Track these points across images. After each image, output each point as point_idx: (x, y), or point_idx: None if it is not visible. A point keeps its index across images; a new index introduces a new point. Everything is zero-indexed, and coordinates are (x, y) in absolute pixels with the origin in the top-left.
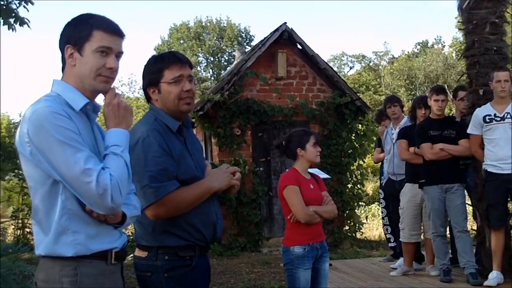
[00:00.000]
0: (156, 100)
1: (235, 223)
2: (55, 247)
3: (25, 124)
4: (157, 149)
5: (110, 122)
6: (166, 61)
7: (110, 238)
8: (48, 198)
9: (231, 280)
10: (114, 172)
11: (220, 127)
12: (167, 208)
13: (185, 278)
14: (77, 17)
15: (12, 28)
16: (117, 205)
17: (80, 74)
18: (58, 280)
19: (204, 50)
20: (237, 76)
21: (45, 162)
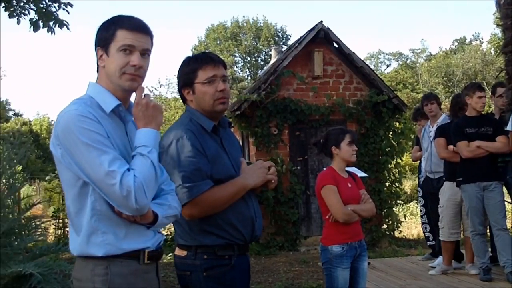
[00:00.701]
0: (191, 101)
1: (272, 222)
2: (86, 247)
3: (56, 127)
4: (190, 149)
5: (139, 122)
6: (199, 61)
7: (142, 238)
8: (78, 199)
9: (269, 279)
10: (138, 173)
11: (257, 127)
12: (201, 207)
13: (224, 277)
14: (105, 20)
15: (52, 31)
16: (142, 206)
17: (108, 74)
18: (90, 279)
19: (240, 50)
20: (274, 76)
21: (74, 164)
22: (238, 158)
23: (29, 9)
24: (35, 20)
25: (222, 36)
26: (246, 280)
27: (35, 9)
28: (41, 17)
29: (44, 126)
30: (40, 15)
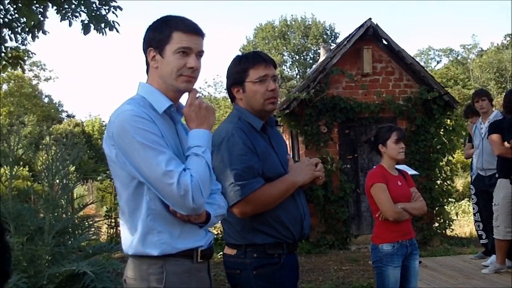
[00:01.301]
0: (241, 99)
1: (322, 221)
2: (142, 246)
3: (110, 127)
4: (242, 147)
5: (192, 123)
6: (251, 60)
7: (195, 237)
8: (133, 199)
9: (319, 277)
10: (195, 173)
11: (307, 125)
12: (253, 205)
13: (273, 275)
14: (157, 20)
15: (102, 33)
16: (199, 206)
17: (163, 75)
18: (145, 278)
19: (289, 49)
20: (323, 74)
21: (129, 164)
22: (285, 156)
23: (80, 12)
24: (86, 22)
25: (270, 35)
26: (294, 279)
27: (86, 11)
28: (91, 19)
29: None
30: (91, 17)
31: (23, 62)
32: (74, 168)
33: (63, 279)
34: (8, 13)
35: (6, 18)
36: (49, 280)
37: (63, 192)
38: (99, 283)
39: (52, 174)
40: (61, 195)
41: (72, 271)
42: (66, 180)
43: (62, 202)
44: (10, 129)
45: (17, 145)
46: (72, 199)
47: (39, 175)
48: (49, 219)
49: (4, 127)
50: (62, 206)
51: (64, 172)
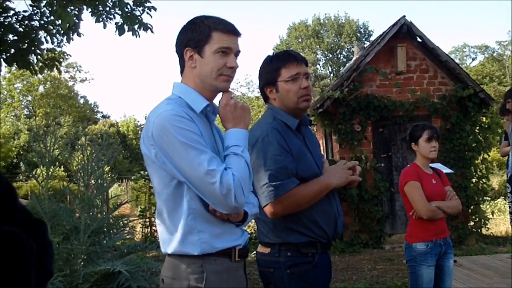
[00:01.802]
0: (274, 99)
1: (356, 220)
2: (182, 246)
3: (149, 127)
4: (276, 147)
5: (228, 123)
6: (282, 60)
7: (233, 236)
8: (173, 199)
9: (353, 276)
10: (236, 172)
11: (341, 124)
12: (286, 205)
13: (306, 274)
14: (193, 20)
15: (136, 34)
16: (241, 204)
17: (201, 75)
18: (185, 277)
19: (322, 48)
20: (357, 72)
21: (169, 164)
22: (320, 156)
23: (114, 13)
24: (120, 24)
25: (303, 34)
26: (327, 278)
27: (120, 13)
28: (126, 21)
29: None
30: (125, 19)
31: (59, 63)
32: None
33: (98, 278)
34: (44, 15)
35: (42, 21)
36: (84, 279)
37: (98, 192)
38: (133, 282)
39: (87, 174)
40: (96, 195)
41: (107, 270)
42: (101, 180)
43: (97, 201)
44: (46, 130)
45: (53, 146)
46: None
47: (75, 175)
48: (85, 218)
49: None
50: (97, 206)
51: (99, 172)
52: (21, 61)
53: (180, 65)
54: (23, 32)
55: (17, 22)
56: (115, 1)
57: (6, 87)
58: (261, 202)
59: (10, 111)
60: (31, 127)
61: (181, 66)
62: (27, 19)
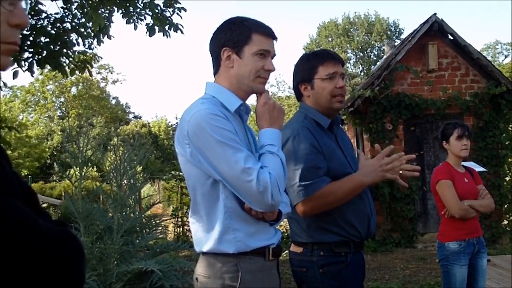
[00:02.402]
0: (308, 96)
1: (388, 219)
2: (218, 244)
3: (185, 126)
4: (307, 146)
5: (263, 122)
6: (320, 57)
7: (267, 235)
8: (209, 197)
9: (386, 276)
10: (272, 170)
11: (372, 123)
12: (318, 204)
13: (339, 274)
14: (232, 21)
15: (167, 35)
16: (277, 202)
17: (239, 75)
18: (219, 276)
19: (352, 46)
20: (387, 71)
21: (205, 162)
22: (352, 155)
23: (145, 14)
24: (151, 25)
25: (333, 33)
26: (361, 277)
27: (150, 14)
28: (156, 22)
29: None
30: (156, 20)
31: (90, 66)
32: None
33: (131, 277)
34: (76, 18)
35: (74, 23)
36: (117, 278)
37: (130, 192)
38: (166, 281)
39: (120, 174)
40: (129, 195)
41: (140, 269)
42: (134, 180)
43: (130, 201)
44: (79, 130)
45: (86, 146)
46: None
47: (108, 175)
48: (118, 218)
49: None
50: (130, 206)
51: (132, 172)
52: (53, 63)
53: (214, 64)
54: (55, 34)
55: (49, 24)
56: (146, 3)
57: (39, 89)
58: (292, 201)
59: (43, 113)
60: (64, 128)
61: (215, 65)
62: (58, 21)
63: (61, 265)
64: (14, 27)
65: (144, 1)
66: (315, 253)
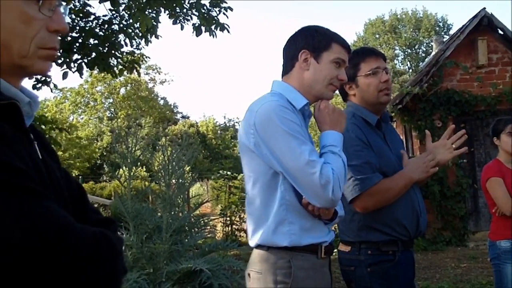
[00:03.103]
0: (354, 95)
1: (439, 217)
2: (272, 236)
3: (252, 116)
4: (358, 143)
5: (325, 125)
6: (361, 54)
7: (321, 232)
8: (268, 189)
9: (436, 275)
10: (335, 167)
11: (420, 120)
12: (376, 199)
13: (388, 272)
14: (315, 28)
15: (213, 35)
16: (337, 198)
17: (313, 79)
18: (272, 272)
19: (400, 43)
20: (436, 67)
21: (269, 153)
22: (400, 153)
23: (191, 14)
24: (198, 25)
25: (380, 30)
26: (410, 276)
27: (197, 14)
28: (203, 22)
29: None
30: (202, 20)
31: (138, 66)
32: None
33: (181, 276)
34: (123, 19)
35: (121, 24)
36: (167, 277)
37: (179, 191)
38: (215, 280)
39: (168, 174)
40: (177, 194)
41: (189, 269)
42: (182, 179)
43: (179, 201)
44: (128, 131)
45: (135, 147)
46: (188, 198)
47: (156, 175)
48: (167, 217)
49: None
50: (179, 205)
51: (180, 172)
52: (101, 65)
53: (287, 64)
54: (103, 36)
55: (97, 26)
56: (192, 3)
57: (88, 90)
58: (346, 197)
59: (93, 114)
60: (113, 128)
61: (288, 65)
62: (107, 23)
63: (93, 266)
64: (53, 32)
65: (190, 1)
66: (362, 252)
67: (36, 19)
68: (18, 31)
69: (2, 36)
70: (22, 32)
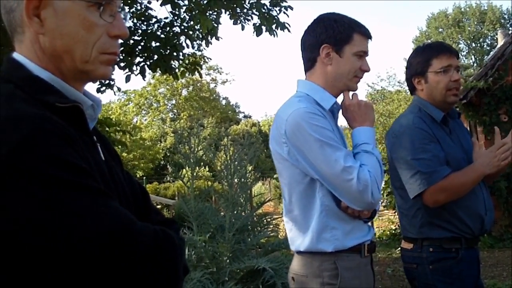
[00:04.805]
0: (422, 90)
1: (506, 214)
2: (316, 243)
3: (282, 125)
4: (424, 136)
5: (354, 122)
6: (434, 50)
7: (362, 232)
8: (306, 196)
9: (503, 273)
10: (371, 168)
11: (486, 115)
12: (448, 192)
13: (450, 270)
14: (333, 18)
15: (274, 34)
16: (377, 200)
17: (337, 74)
18: (318, 275)
19: (464, 37)
20: (501, 60)
21: (303, 161)
22: (469, 149)
23: (252, 14)
24: (258, 24)
25: (444, 24)
26: (475, 274)
27: (257, 14)
28: (263, 21)
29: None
30: (262, 19)
31: (200, 67)
32: (252, 167)
33: (244, 275)
34: (184, 21)
35: (182, 26)
36: (230, 276)
37: (241, 190)
38: (278, 279)
39: (231, 174)
40: (240, 194)
41: (252, 267)
42: (244, 179)
43: (241, 200)
44: (190, 132)
45: (198, 147)
46: (251, 197)
47: (219, 175)
48: (229, 217)
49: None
50: (241, 204)
51: (242, 171)
52: (163, 67)
53: (308, 60)
54: (165, 38)
55: (159, 29)
56: (252, 3)
57: (151, 92)
58: (412, 191)
59: (156, 115)
60: (176, 129)
61: (310, 61)
62: (168, 25)
63: (154, 263)
64: (114, 37)
65: (251, 1)
66: (424, 249)
67: (98, 25)
68: (80, 37)
69: (65, 42)
70: (84, 38)
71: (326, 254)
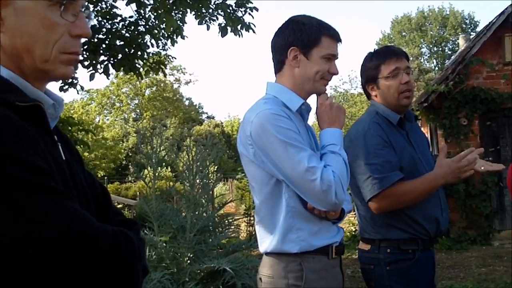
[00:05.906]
0: (376, 96)
1: (464, 216)
2: (281, 244)
3: (248, 127)
4: (379, 141)
5: (323, 123)
6: (381, 56)
7: (330, 233)
8: (272, 198)
9: (460, 274)
10: (335, 169)
11: (446, 118)
12: (390, 200)
13: (407, 271)
14: (301, 21)
15: (239, 34)
16: (341, 201)
17: (304, 76)
18: (284, 276)
19: (426, 41)
20: (462, 65)
21: (268, 162)
22: (425, 152)
23: (217, 15)
24: (223, 25)
25: (407, 28)
26: (430, 275)
27: (223, 14)
28: (228, 22)
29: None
30: (228, 20)
31: (164, 66)
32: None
33: (204, 275)
34: (149, 20)
35: (147, 25)
36: (190, 277)
37: (203, 191)
38: (238, 280)
39: (193, 174)
40: (201, 194)
41: (213, 268)
42: (206, 179)
43: (203, 201)
44: (153, 132)
45: (160, 147)
46: (213, 198)
47: (181, 175)
48: (191, 217)
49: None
50: (203, 205)
51: (205, 172)
52: (128, 66)
53: (277, 62)
54: (130, 37)
55: (123, 28)
56: (218, 3)
57: (114, 92)
58: (365, 196)
59: (119, 115)
60: (138, 129)
61: (279, 63)
62: (133, 24)
63: (112, 264)
64: (76, 37)
65: (216, 1)
66: (382, 250)
67: (58, 24)
68: (40, 36)
69: (25, 41)
70: (44, 37)
71: (291, 255)
